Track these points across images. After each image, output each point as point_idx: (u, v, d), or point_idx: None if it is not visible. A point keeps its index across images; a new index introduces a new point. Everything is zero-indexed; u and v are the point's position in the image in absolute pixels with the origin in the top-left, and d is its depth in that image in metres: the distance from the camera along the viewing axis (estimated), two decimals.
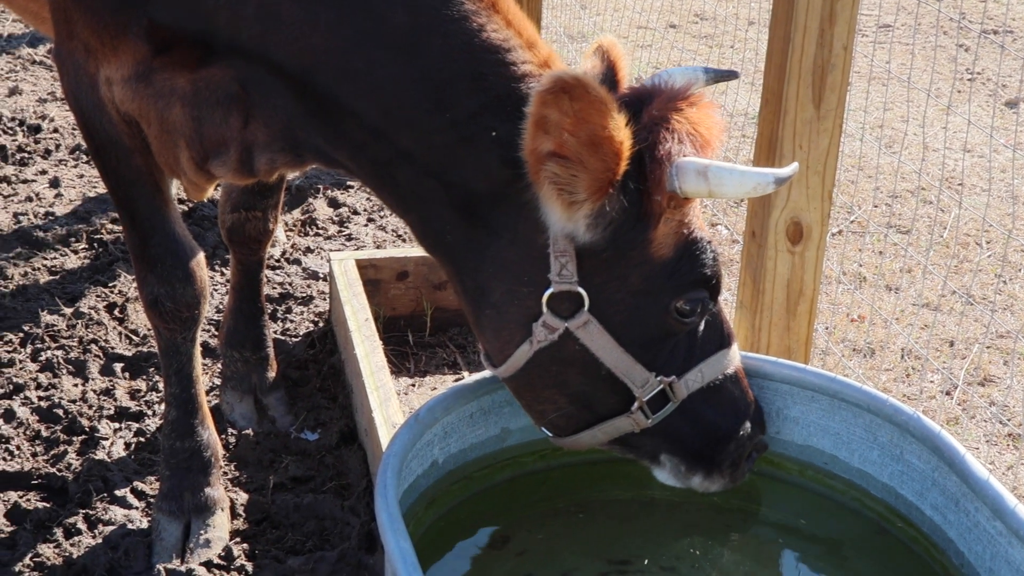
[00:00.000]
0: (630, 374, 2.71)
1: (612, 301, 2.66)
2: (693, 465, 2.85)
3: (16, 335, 4.31)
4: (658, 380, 2.72)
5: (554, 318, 2.64)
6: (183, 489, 3.37)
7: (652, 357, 2.72)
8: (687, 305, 2.69)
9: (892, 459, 3.01)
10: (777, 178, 2.54)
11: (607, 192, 2.50)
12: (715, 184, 2.51)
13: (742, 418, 2.85)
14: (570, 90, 2.35)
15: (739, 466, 2.87)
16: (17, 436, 3.79)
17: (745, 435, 2.85)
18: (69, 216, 5.27)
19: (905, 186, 6.01)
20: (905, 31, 8.18)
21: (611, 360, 2.69)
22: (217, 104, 2.82)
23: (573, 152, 2.43)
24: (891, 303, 4.94)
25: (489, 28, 2.59)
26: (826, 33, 3.53)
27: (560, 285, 2.61)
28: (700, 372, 2.77)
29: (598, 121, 2.39)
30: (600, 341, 2.67)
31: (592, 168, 2.46)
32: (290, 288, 4.80)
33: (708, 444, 2.83)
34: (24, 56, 7.13)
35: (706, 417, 2.81)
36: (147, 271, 3.20)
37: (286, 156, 2.88)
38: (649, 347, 2.72)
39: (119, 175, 3.09)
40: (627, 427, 2.79)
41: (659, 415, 2.76)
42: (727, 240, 5.42)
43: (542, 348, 2.68)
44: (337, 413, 3.98)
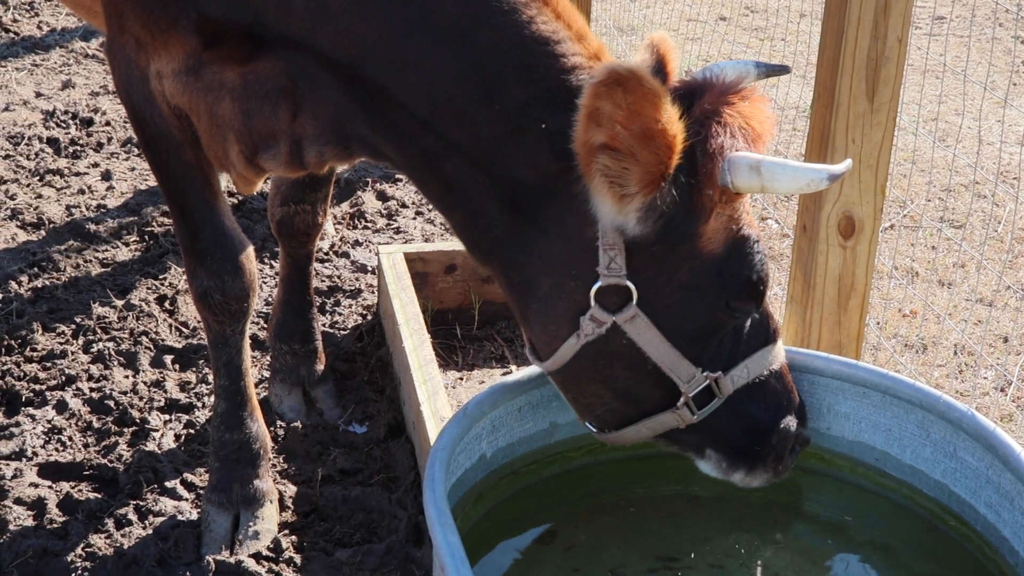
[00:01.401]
0: (676, 369, 2.69)
1: (660, 296, 2.64)
2: (736, 461, 2.83)
3: (68, 327, 4.36)
4: (704, 376, 2.70)
5: (602, 312, 2.63)
6: (232, 481, 3.39)
7: (699, 353, 2.70)
8: (737, 302, 2.68)
9: (945, 456, 2.97)
10: (831, 175, 2.52)
11: (659, 185, 2.48)
12: (768, 179, 2.50)
13: (786, 414, 2.83)
14: (624, 82, 2.34)
15: (782, 461, 2.85)
16: (69, 427, 3.82)
17: (788, 430, 2.83)
18: (120, 209, 5.31)
19: (959, 180, 5.94)
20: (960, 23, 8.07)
21: (658, 355, 2.67)
22: (266, 97, 2.83)
23: (625, 145, 2.42)
24: (944, 298, 4.88)
25: (539, 20, 2.58)
26: (880, 25, 3.49)
27: (609, 279, 2.60)
28: (746, 368, 2.75)
29: (651, 114, 2.38)
30: (647, 335, 2.65)
31: (644, 161, 2.44)
32: (338, 281, 4.81)
33: (752, 440, 2.81)
34: (77, 50, 7.20)
35: (751, 413, 2.79)
36: (197, 264, 3.22)
37: (335, 149, 2.88)
38: (696, 342, 2.70)
39: (169, 168, 3.11)
40: (672, 423, 2.77)
41: (704, 411, 2.74)
42: (777, 234, 5.38)
43: (589, 342, 2.67)
44: (385, 406, 3.98)
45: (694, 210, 2.57)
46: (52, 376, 4.07)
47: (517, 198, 2.65)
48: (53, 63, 7.00)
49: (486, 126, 2.61)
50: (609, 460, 3.26)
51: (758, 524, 3.15)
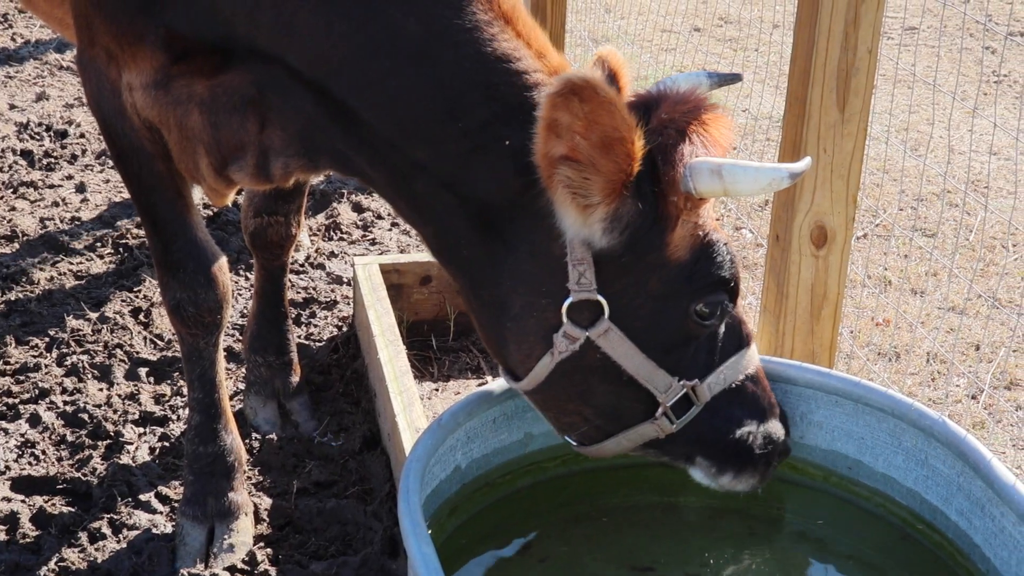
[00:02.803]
0: (653, 380, 2.69)
1: (632, 307, 2.64)
2: (724, 465, 2.84)
3: (42, 340, 4.34)
4: (681, 384, 2.71)
5: (575, 328, 2.63)
6: (207, 494, 3.38)
7: (674, 362, 2.71)
8: (706, 308, 2.67)
9: (917, 464, 2.99)
10: (791, 173, 2.53)
11: (621, 194, 2.50)
12: (730, 182, 2.50)
13: (765, 417, 2.84)
14: (579, 91, 2.35)
15: (771, 463, 2.87)
16: (43, 441, 3.81)
17: (773, 434, 2.85)
18: (95, 221, 5.30)
19: (931, 189, 5.98)
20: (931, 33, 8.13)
21: (633, 367, 2.67)
22: (234, 109, 2.83)
23: (585, 155, 2.43)
24: (916, 307, 4.91)
25: (500, 38, 2.59)
26: (851, 36, 3.51)
27: (579, 294, 2.60)
28: (722, 374, 2.76)
29: (608, 122, 2.39)
30: (622, 348, 2.66)
31: (605, 170, 2.45)
32: (314, 293, 4.81)
33: (735, 444, 2.82)
34: (51, 62, 7.18)
35: (731, 418, 2.80)
36: (169, 276, 3.21)
37: (300, 161, 2.89)
38: (671, 352, 2.70)
39: (141, 181, 3.11)
40: (652, 433, 2.77)
41: (684, 419, 2.74)
42: (751, 244, 5.41)
43: (564, 359, 2.67)
44: (360, 418, 3.98)
45: (660, 219, 2.57)
46: (25, 389, 4.05)
47: (484, 216, 2.65)
48: (27, 75, 6.98)
49: (450, 144, 2.61)
50: (584, 471, 3.26)
51: (733, 533, 3.16)
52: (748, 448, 2.83)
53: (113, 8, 2.86)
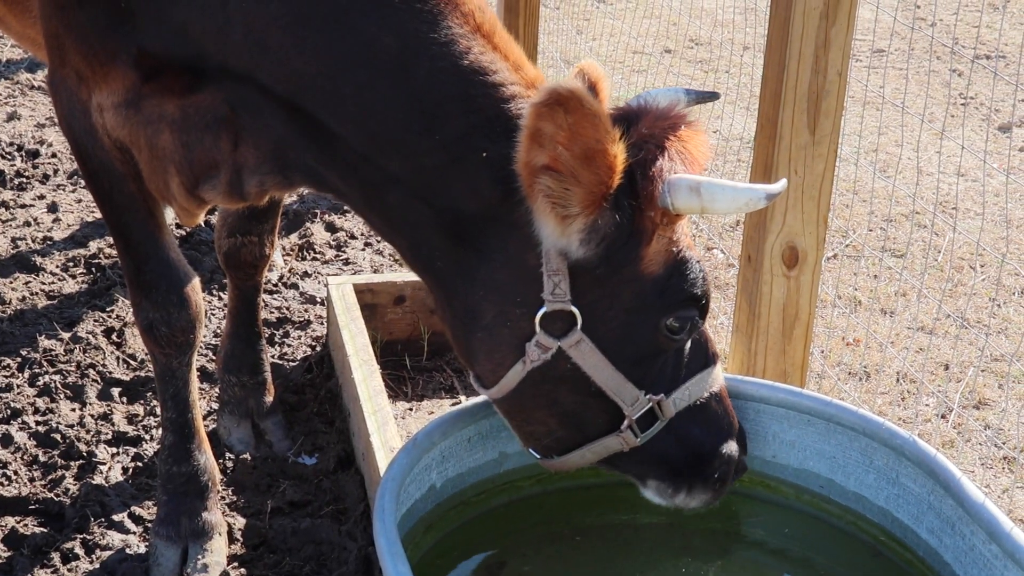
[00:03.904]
0: (620, 392, 2.72)
1: (604, 319, 2.67)
2: (677, 483, 2.86)
3: (14, 360, 4.32)
4: (647, 399, 2.74)
5: (547, 337, 2.65)
6: (180, 514, 3.37)
7: (642, 375, 2.74)
8: (676, 323, 2.70)
9: (888, 483, 3.02)
10: (768, 194, 2.57)
11: (600, 207, 2.52)
12: (708, 200, 2.53)
13: (727, 436, 2.87)
14: (565, 102, 2.36)
15: (725, 482, 2.88)
16: (15, 461, 3.79)
17: (730, 455, 2.87)
18: (67, 241, 5.28)
19: (900, 210, 6.04)
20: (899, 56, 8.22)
21: (602, 379, 2.70)
22: (207, 128, 2.84)
23: (567, 165, 2.44)
24: (886, 327, 4.96)
25: (476, 50, 2.61)
26: (820, 59, 3.56)
27: (554, 304, 2.62)
28: (687, 390, 2.79)
29: (592, 134, 2.41)
30: (592, 360, 2.68)
31: (586, 181, 2.46)
32: (287, 313, 4.81)
33: (694, 462, 2.84)
34: (23, 81, 7.16)
35: (692, 435, 2.83)
36: (142, 296, 3.21)
37: (275, 178, 2.90)
38: (639, 365, 2.73)
39: (112, 201, 3.11)
40: (616, 446, 2.79)
41: (648, 434, 2.77)
42: (723, 264, 5.45)
43: (535, 368, 2.69)
44: (334, 437, 3.98)
45: (636, 232, 2.60)
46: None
47: (459, 228, 2.67)
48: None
49: (426, 157, 2.63)
50: (558, 489, 3.28)
51: (705, 552, 3.18)
52: (705, 467, 2.85)
53: (84, 29, 2.85)
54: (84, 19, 2.84)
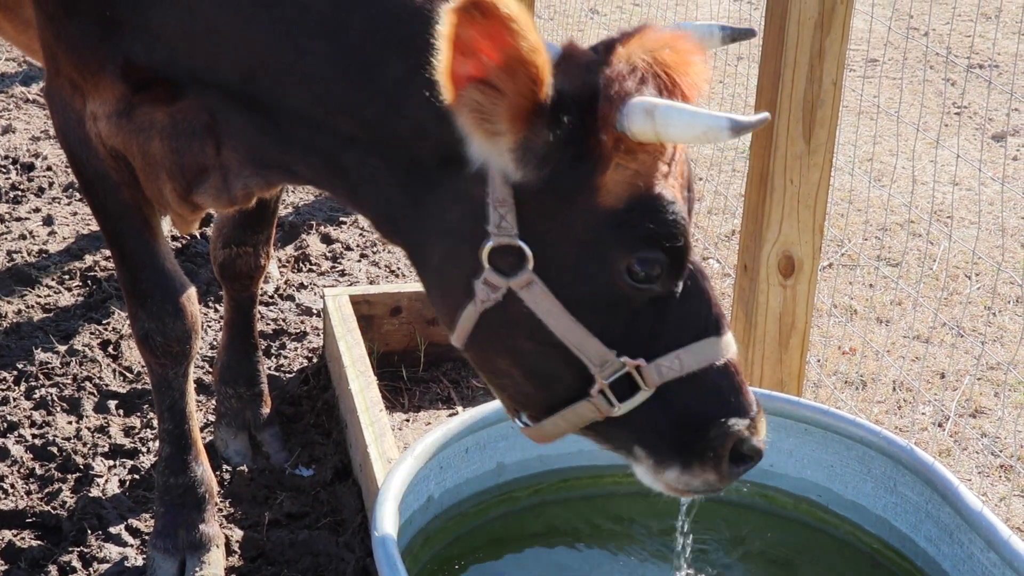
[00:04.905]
0: (584, 348, 2.46)
1: (556, 258, 2.44)
2: (667, 458, 2.52)
3: (10, 373, 4.32)
4: (621, 361, 2.45)
5: (496, 275, 2.45)
6: (178, 526, 3.37)
7: (611, 332, 2.46)
8: (639, 267, 2.41)
9: (886, 491, 3.02)
10: (734, 124, 2.27)
11: (530, 123, 2.33)
12: (661, 125, 2.28)
13: (732, 414, 2.50)
14: (479, 6, 2.21)
15: (723, 459, 2.50)
16: (11, 474, 3.78)
17: (730, 426, 2.49)
18: (63, 253, 5.28)
19: (895, 219, 6.05)
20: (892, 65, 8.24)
21: (560, 329, 2.45)
22: (193, 135, 2.86)
23: (490, 75, 2.29)
24: (882, 335, 4.96)
25: None
26: (815, 69, 3.57)
27: (499, 238, 2.43)
28: (678, 359, 2.46)
29: (511, 42, 2.25)
30: (545, 304, 2.45)
31: (509, 92, 2.30)
32: (284, 324, 4.81)
33: (686, 435, 2.51)
34: (17, 94, 7.15)
35: (687, 411, 2.50)
36: (138, 306, 3.21)
37: (256, 180, 2.91)
38: (604, 316, 2.46)
39: (107, 210, 3.12)
40: (590, 414, 2.52)
41: (628, 404, 2.48)
42: (718, 273, 5.45)
43: (488, 310, 2.49)
44: (331, 449, 3.98)
45: (587, 157, 2.37)
46: None
47: (416, 178, 2.56)
48: None
49: (370, 108, 2.55)
50: (556, 500, 3.28)
51: (702, 562, 3.17)
52: (699, 439, 2.50)
53: (74, 40, 2.89)
54: (73, 30, 2.87)
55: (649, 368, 2.46)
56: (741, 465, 2.53)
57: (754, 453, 2.52)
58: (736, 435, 2.48)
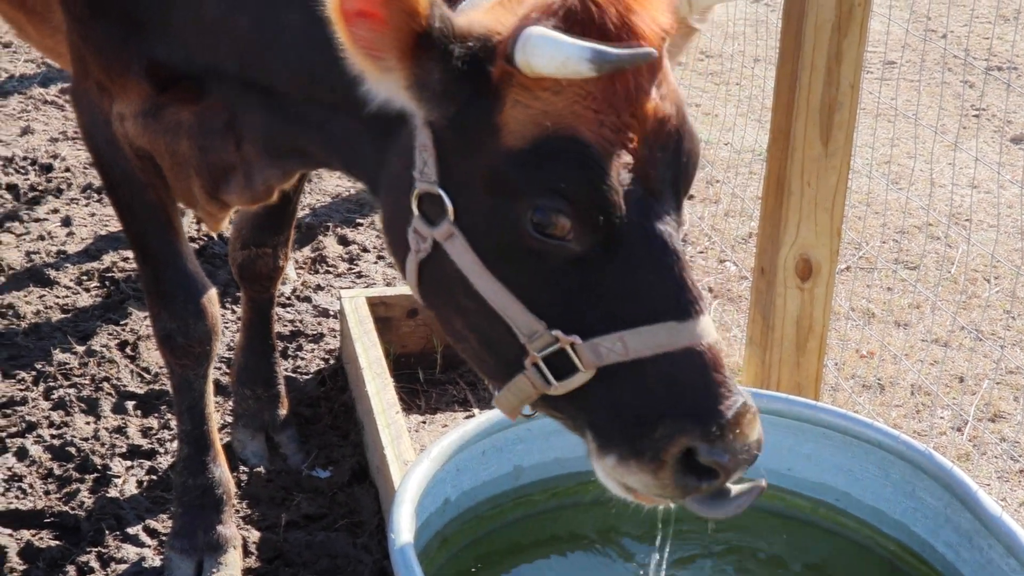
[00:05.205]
0: (510, 314, 2.26)
1: (471, 207, 2.29)
2: (610, 443, 2.25)
3: (29, 373, 4.33)
4: (553, 335, 2.23)
5: (423, 224, 2.33)
6: (196, 527, 3.38)
7: (538, 298, 2.25)
8: (538, 215, 2.19)
9: (905, 496, 3.01)
10: (595, 54, 2.08)
11: (415, 55, 2.21)
12: (530, 54, 2.13)
13: (685, 415, 2.18)
14: None
15: (665, 465, 2.19)
16: (30, 474, 3.80)
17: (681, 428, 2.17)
18: (81, 254, 5.29)
19: (913, 222, 6.03)
20: (910, 68, 8.22)
21: (484, 288, 2.28)
22: (217, 132, 2.88)
23: (375, 8, 2.19)
24: (900, 339, 4.95)
25: None
26: (833, 72, 3.57)
27: (422, 184, 2.31)
28: (621, 342, 2.19)
29: None
30: (466, 259, 2.29)
31: (392, 24, 2.20)
32: (301, 325, 4.81)
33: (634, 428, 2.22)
34: (36, 96, 7.18)
35: (633, 404, 2.22)
36: (159, 307, 3.23)
37: (274, 171, 2.93)
38: (525, 278, 2.26)
39: (133, 210, 3.14)
40: (527, 390, 2.30)
41: (566, 384, 2.24)
42: (735, 276, 5.44)
43: (423, 260, 2.37)
44: (349, 451, 3.98)
45: (486, 93, 2.22)
46: (12, 423, 4.04)
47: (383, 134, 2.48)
48: (12, 109, 6.98)
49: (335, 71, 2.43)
50: (573, 504, 3.28)
51: (721, 566, 3.17)
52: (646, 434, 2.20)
53: (100, 42, 2.91)
54: (100, 32, 2.89)
55: (584, 347, 2.21)
56: (700, 479, 2.21)
57: (714, 467, 2.19)
58: (680, 441, 2.18)
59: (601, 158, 2.16)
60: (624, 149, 2.18)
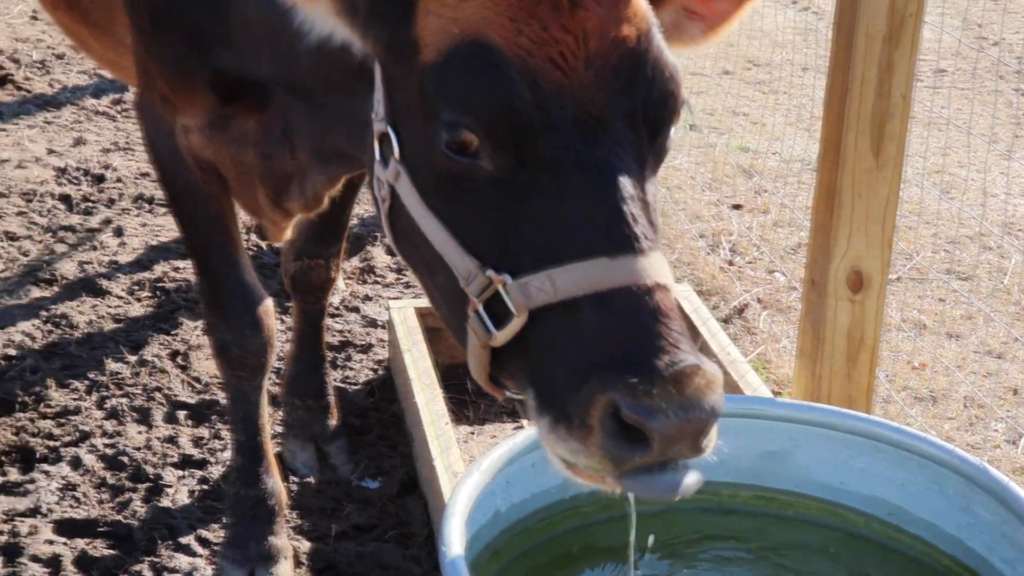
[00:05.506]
0: (448, 254, 2.09)
1: (409, 139, 2.15)
2: (546, 404, 2.00)
3: (82, 383, 4.38)
4: (487, 276, 2.03)
5: (381, 168, 2.22)
6: (248, 537, 3.40)
7: (469, 232, 2.07)
8: (445, 130, 2.03)
9: (960, 510, 2.98)
10: None
11: None
12: None
13: (612, 367, 1.88)
14: None
15: (593, 429, 1.89)
16: (84, 483, 3.84)
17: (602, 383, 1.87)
18: (132, 264, 5.35)
19: (965, 232, 5.97)
20: (961, 76, 8.14)
21: (427, 228, 2.12)
22: (277, 140, 2.91)
23: None
24: (953, 350, 4.90)
25: None
26: (884, 82, 3.54)
27: (377, 124, 2.21)
28: (550, 280, 1.95)
29: None
30: (412, 200, 2.14)
31: None
32: (350, 336, 4.83)
33: (561, 383, 1.95)
34: (88, 107, 7.26)
35: (561, 353, 1.96)
36: (217, 318, 3.25)
37: (320, 177, 2.95)
38: (456, 210, 2.09)
39: (195, 222, 3.17)
40: (475, 346, 2.08)
41: (504, 332, 2.01)
42: (784, 287, 5.41)
43: (387, 210, 2.25)
44: (398, 461, 4.00)
45: (404, 6, 2.12)
46: (67, 432, 4.08)
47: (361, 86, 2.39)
48: (65, 120, 7.07)
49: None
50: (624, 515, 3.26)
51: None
52: (574, 393, 1.91)
53: (164, 54, 2.95)
54: (164, 45, 2.93)
55: (514, 287, 1.98)
56: (634, 448, 1.87)
57: (640, 427, 1.84)
58: (602, 399, 1.86)
59: (512, 67, 1.98)
60: (554, 66, 1.99)
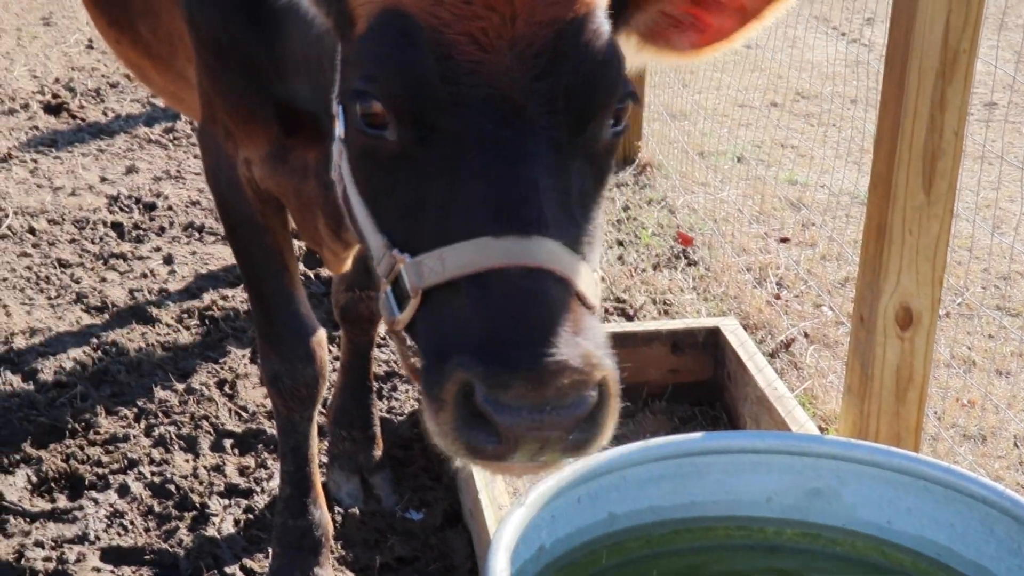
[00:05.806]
0: (365, 234, 2.08)
1: (347, 115, 2.10)
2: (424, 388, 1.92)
3: (131, 410, 4.42)
4: (392, 255, 2.00)
5: (335, 148, 2.22)
6: (294, 568, 3.41)
7: (381, 211, 2.05)
8: (356, 101, 2.00)
9: (1010, 553, 2.94)
10: None
11: None
12: None
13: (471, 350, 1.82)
14: None
15: (444, 405, 1.84)
16: (131, 511, 3.87)
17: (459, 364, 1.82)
18: (182, 293, 5.40)
19: (1016, 268, 5.91)
20: (1014, 109, 8.08)
21: (355, 208, 2.11)
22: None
23: None
24: (1003, 388, 4.84)
25: None
26: (936, 119, 3.52)
27: (334, 105, 2.22)
28: (440, 259, 1.91)
29: None
30: (348, 180, 2.13)
31: None
32: (395, 366, 4.85)
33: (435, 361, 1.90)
34: (141, 135, 7.36)
35: (444, 333, 1.91)
36: (269, 348, 3.27)
37: None
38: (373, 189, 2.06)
39: (251, 253, 3.20)
40: (388, 331, 2.07)
41: (405, 314, 1.98)
42: (831, 322, 5.37)
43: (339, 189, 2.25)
44: (442, 493, 4.00)
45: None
46: (115, 459, 4.12)
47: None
48: (118, 148, 7.16)
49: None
50: (667, 552, 3.25)
51: None
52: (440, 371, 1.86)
53: (227, 87, 2.97)
54: (228, 78, 2.95)
55: (409, 266, 1.95)
56: (488, 439, 1.82)
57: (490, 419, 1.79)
58: (457, 376, 1.82)
59: (423, 37, 1.94)
60: (471, 41, 1.94)
